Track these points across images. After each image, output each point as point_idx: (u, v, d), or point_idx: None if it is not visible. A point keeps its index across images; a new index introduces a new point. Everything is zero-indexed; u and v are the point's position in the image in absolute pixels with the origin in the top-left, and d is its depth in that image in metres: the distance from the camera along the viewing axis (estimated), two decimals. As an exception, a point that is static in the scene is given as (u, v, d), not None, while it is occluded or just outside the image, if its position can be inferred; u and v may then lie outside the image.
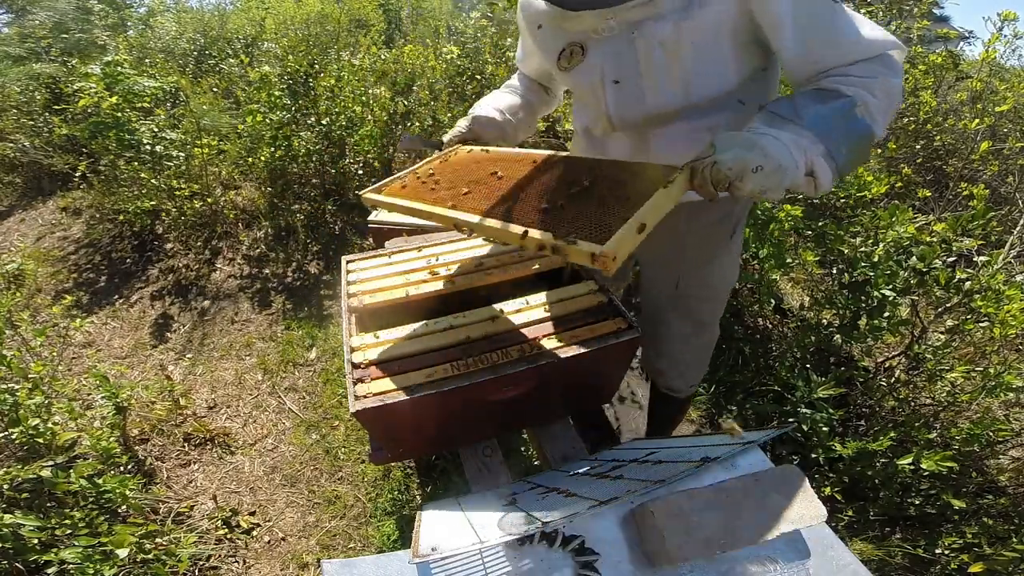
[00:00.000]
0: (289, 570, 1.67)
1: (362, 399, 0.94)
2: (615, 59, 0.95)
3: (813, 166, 0.76)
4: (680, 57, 0.89)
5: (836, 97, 0.79)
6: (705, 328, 1.38)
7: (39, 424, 1.61)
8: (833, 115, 0.78)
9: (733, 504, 0.71)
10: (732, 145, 0.73)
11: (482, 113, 1.22)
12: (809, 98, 0.80)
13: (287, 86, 3.01)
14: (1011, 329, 1.49)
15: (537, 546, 0.70)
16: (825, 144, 0.76)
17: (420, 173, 1.09)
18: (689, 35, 0.86)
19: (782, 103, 0.81)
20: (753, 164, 0.72)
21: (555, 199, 0.81)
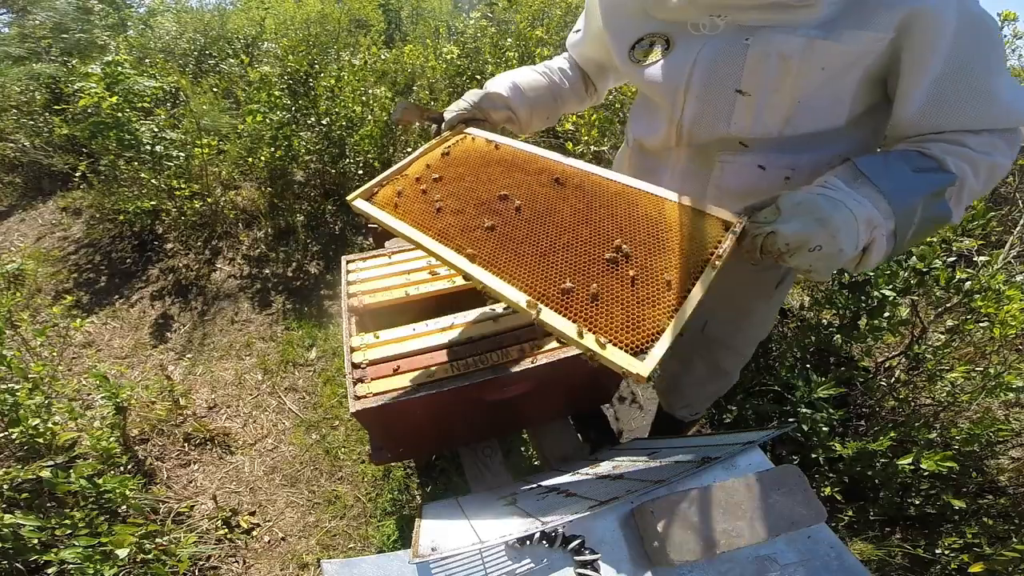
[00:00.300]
0: (289, 570, 1.67)
1: (362, 399, 0.94)
2: (712, 64, 0.78)
3: (871, 244, 0.67)
4: (799, 81, 0.74)
5: (936, 170, 0.69)
6: (723, 376, 1.32)
7: (39, 424, 1.61)
8: (922, 191, 0.68)
9: (733, 504, 0.71)
10: (800, 214, 0.64)
11: (496, 90, 1.04)
12: (905, 162, 0.69)
13: (287, 86, 3.01)
14: (1011, 329, 1.49)
15: (537, 546, 0.70)
16: (896, 222, 0.67)
17: (417, 171, 0.93)
18: (823, 58, 0.71)
19: (874, 161, 0.69)
20: (814, 243, 0.63)
21: (585, 271, 0.68)
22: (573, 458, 1.25)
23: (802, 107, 0.78)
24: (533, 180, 0.85)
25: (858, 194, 0.66)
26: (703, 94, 0.82)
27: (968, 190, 0.72)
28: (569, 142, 2.84)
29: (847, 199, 0.65)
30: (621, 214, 0.75)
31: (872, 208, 0.66)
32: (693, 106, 0.84)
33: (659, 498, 0.72)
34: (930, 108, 0.71)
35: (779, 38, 0.72)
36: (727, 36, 0.77)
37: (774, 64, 0.74)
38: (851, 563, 0.67)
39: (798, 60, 0.72)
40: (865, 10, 0.69)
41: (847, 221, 0.64)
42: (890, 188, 0.66)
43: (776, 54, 0.73)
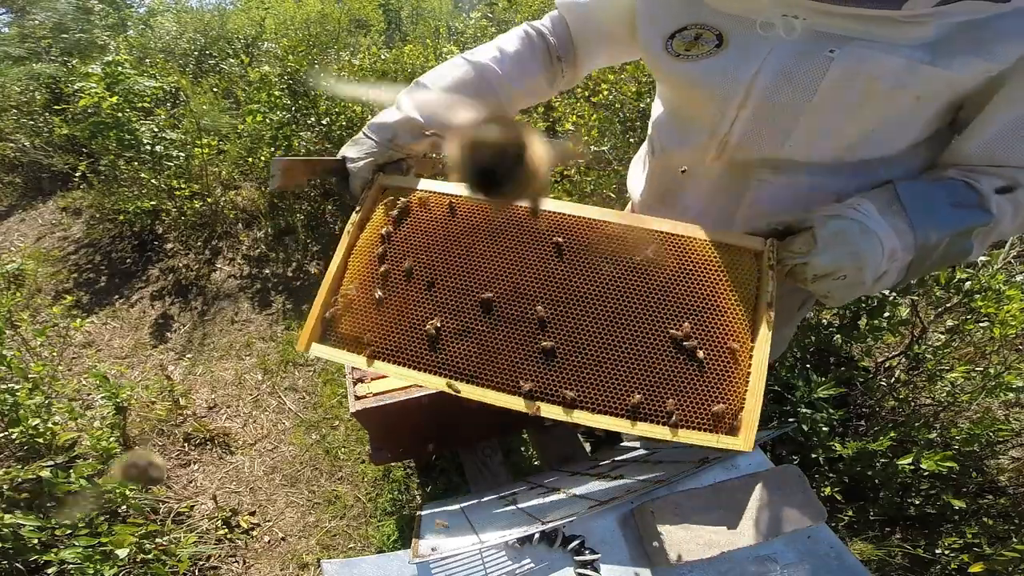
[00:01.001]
0: (289, 570, 1.67)
1: (362, 399, 0.94)
2: (782, 75, 0.65)
3: (884, 274, 0.65)
4: (884, 107, 0.63)
5: (973, 207, 0.64)
6: None
7: (39, 424, 1.61)
8: (953, 229, 0.64)
9: (733, 504, 0.71)
10: (836, 245, 0.63)
11: (408, 114, 0.78)
12: (947, 195, 0.65)
13: (287, 86, 3.01)
14: (1011, 329, 1.49)
15: (537, 546, 0.70)
16: (916, 255, 0.64)
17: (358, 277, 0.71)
18: (922, 85, 0.61)
19: (916, 190, 0.66)
20: (842, 273, 0.64)
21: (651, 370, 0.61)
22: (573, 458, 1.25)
23: (871, 139, 0.68)
24: (531, 255, 0.68)
25: (888, 225, 0.63)
26: (764, 109, 0.68)
27: (999, 231, 0.67)
28: (569, 143, 2.84)
29: (880, 230, 0.63)
30: (653, 277, 0.65)
31: (899, 238, 0.63)
32: (748, 121, 0.70)
33: (659, 498, 0.72)
34: (999, 144, 0.65)
35: (873, 56, 0.59)
36: (804, 43, 0.63)
37: (859, 86, 0.61)
38: (851, 563, 0.67)
39: (890, 84, 0.60)
40: (985, 36, 0.57)
41: (875, 254, 0.63)
42: (923, 224, 0.63)
43: (864, 75, 0.60)
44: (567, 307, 0.65)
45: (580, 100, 2.74)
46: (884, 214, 0.64)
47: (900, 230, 0.63)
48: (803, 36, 0.63)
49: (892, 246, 0.63)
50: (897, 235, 0.63)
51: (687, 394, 0.60)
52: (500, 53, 0.84)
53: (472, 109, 0.75)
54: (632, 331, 0.63)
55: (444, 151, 0.68)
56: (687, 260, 0.66)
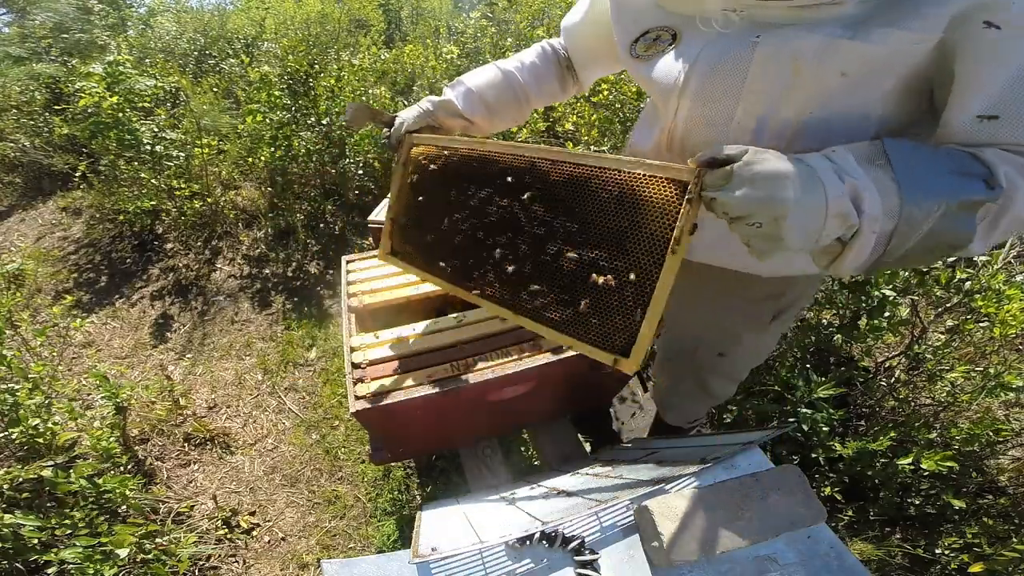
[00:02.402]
0: (289, 570, 1.67)
1: (362, 399, 0.94)
2: (713, 64, 0.69)
3: (854, 240, 0.56)
4: (813, 87, 0.64)
5: (976, 176, 0.56)
6: (713, 394, 1.30)
7: (39, 424, 1.61)
8: (948, 196, 0.55)
9: (733, 504, 0.71)
10: (750, 186, 0.54)
11: (449, 97, 1.01)
12: (948, 161, 0.57)
13: (287, 86, 3.01)
14: (1011, 329, 1.49)
15: (537, 546, 0.70)
16: (898, 224, 0.55)
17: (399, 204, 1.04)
18: (844, 61, 0.61)
19: (908, 148, 0.57)
20: (753, 221, 0.55)
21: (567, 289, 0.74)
22: (573, 458, 1.25)
23: (816, 120, 0.67)
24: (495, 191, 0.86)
25: (867, 177, 0.54)
26: (700, 96, 0.72)
27: (1012, 216, 0.57)
28: (569, 142, 2.84)
29: (831, 183, 0.54)
30: (580, 210, 0.74)
31: (869, 198, 0.54)
32: (687, 109, 0.74)
33: (659, 498, 0.72)
34: (989, 122, 0.59)
35: (796, 36, 0.62)
36: (737, 33, 0.67)
37: (785, 66, 0.63)
38: (851, 563, 0.67)
39: (813, 62, 0.62)
40: (903, 7, 0.59)
41: (808, 209, 0.53)
42: (912, 184, 0.54)
43: (788, 54, 0.63)
44: (520, 234, 0.81)
45: (580, 100, 2.73)
46: (863, 165, 0.55)
47: (883, 186, 0.54)
48: (738, 27, 0.67)
49: (844, 208, 0.54)
50: (878, 190, 0.54)
51: (594, 315, 0.71)
52: (521, 63, 1.03)
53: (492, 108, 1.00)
54: (558, 257, 0.76)
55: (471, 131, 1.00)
56: (613, 193, 0.71)
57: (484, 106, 1.00)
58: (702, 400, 1.34)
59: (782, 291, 0.97)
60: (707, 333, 1.11)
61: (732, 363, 1.17)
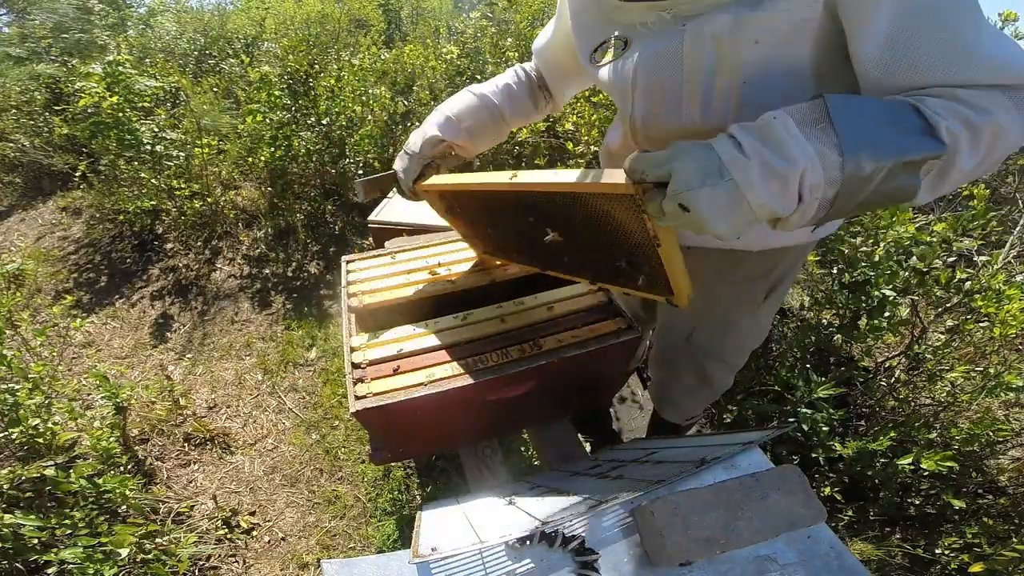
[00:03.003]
0: (289, 570, 1.67)
1: (362, 399, 0.94)
2: (655, 57, 0.77)
3: (799, 203, 0.54)
4: (735, 59, 0.71)
5: (919, 134, 0.55)
6: (713, 385, 1.31)
7: (39, 424, 1.61)
8: (895, 156, 0.53)
9: (733, 504, 0.71)
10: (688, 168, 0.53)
11: (432, 133, 1.03)
12: (888, 113, 0.56)
13: (287, 86, 3.01)
14: (1011, 329, 1.49)
15: (537, 546, 0.70)
16: (843, 187, 0.53)
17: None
18: (753, 31, 0.67)
19: (852, 104, 0.55)
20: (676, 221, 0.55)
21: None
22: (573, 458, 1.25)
23: (752, 87, 0.72)
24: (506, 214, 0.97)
25: (808, 149, 0.52)
26: (648, 87, 0.81)
27: (957, 170, 0.57)
28: (569, 142, 2.84)
29: (751, 175, 0.52)
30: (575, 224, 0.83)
31: (817, 170, 0.52)
32: (642, 101, 0.83)
33: (659, 498, 0.72)
34: (891, 62, 0.60)
35: (712, 18, 0.69)
36: (669, 29, 0.75)
37: (709, 47, 0.71)
38: (851, 563, 0.67)
39: (728, 38, 0.69)
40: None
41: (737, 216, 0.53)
42: (852, 146, 0.52)
43: (709, 36, 0.70)
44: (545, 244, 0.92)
45: (580, 100, 2.74)
46: (804, 130, 0.53)
47: (825, 158, 0.52)
48: (671, 22, 0.75)
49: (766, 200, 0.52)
50: (820, 162, 0.52)
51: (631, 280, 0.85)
52: (496, 87, 1.10)
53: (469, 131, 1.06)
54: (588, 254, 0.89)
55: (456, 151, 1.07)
56: (588, 209, 0.77)
57: (464, 131, 1.06)
58: (701, 392, 1.34)
59: (775, 263, 1.01)
60: (704, 320, 1.13)
61: (731, 346, 1.20)
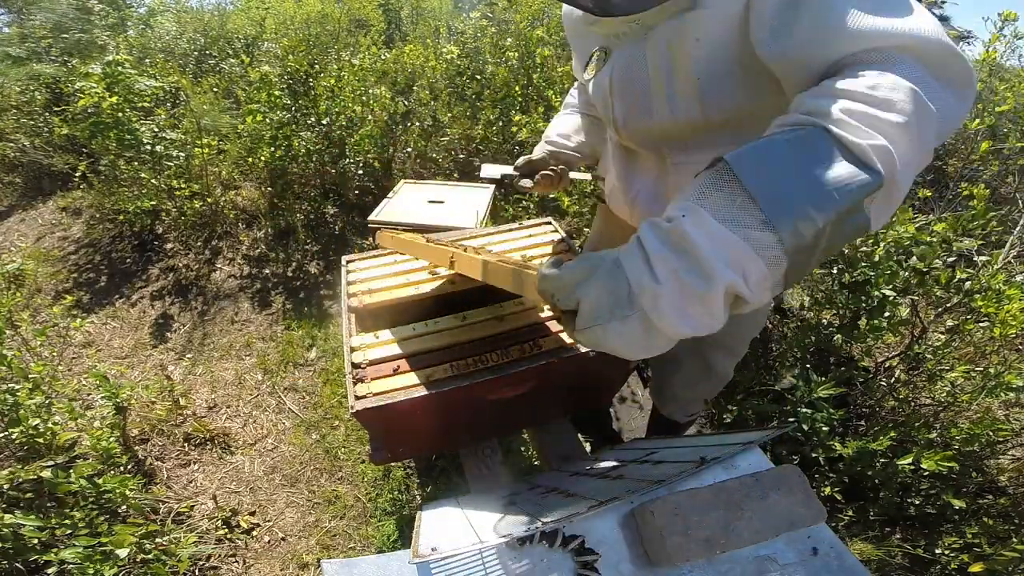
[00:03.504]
0: (289, 570, 1.67)
1: (362, 399, 0.94)
2: (627, 64, 0.85)
3: (746, 303, 0.46)
4: (687, 59, 0.75)
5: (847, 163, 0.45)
6: (714, 374, 1.32)
7: (39, 424, 1.61)
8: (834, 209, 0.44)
9: (733, 504, 0.71)
10: (592, 298, 0.48)
11: (555, 140, 1.22)
12: (797, 149, 0.47)
13: (287, 86, 3.01)
14: (1011, 329, 1.49)
15: (537, 546, 0.70)
16: (791, 264, 0.45)
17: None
18: (694, 29, 0.72)
19: (762, 166, 0.46)
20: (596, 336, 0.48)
21: None
22: (573, 458, 1.25)
23: (707, 83, 0.76)
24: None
25: (732, 247, 0.44)
26: (622, 92, 0.90)
27: (900, 185, 0.48)
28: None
29: (661, 305, 0.45)
30: None
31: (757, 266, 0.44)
32: (619, 106, 0.92)
33: (659, 498, 0.71)
34: (781, 41, 0.60)
35: (667, 25, 0.76)
36: (637, 39, 0.82)
37: (663, 49, 0.78)
38: (851, 563, 0.67)
39: (676, 39, 0.75)
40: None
41: (638, 335, 0.47)
42: (782, 213, 0.44)
43: (662, 39, 0.77)
44: None
45: (580, 100, 2.73)
46: (727, 218, 0.44)
47: (757, 242, 0.44)
48: (640, 32, 0.81)
49: (682, 331, 0.46)
50: (754, 253, 0.44)
51: None
52: (580, 102, 1.27)
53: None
54: None
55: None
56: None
57: (579, 136, 1.22)
58: (702, 383, 1.35)
59: None
60: None
61: (733, 334, 1.22)
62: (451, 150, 3.41)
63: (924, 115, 0.49)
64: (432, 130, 3.41)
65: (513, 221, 1.55)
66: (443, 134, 3.39)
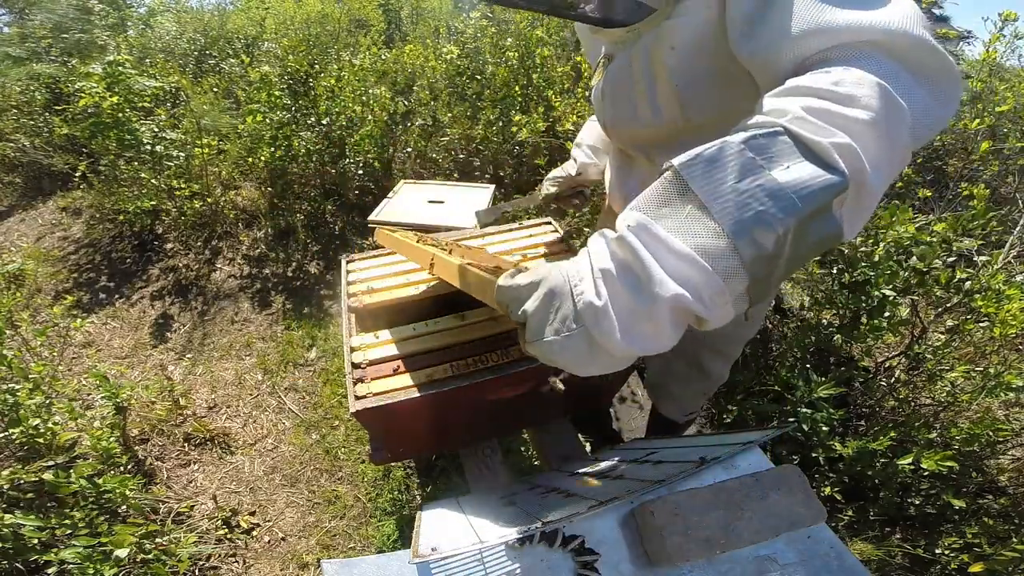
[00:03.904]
0: (289, 570, 1.67)
1: (362, 399, 0.94)
2: (616, 70, 0.90)
3: (704, 320, 0.43)
4: (663, 65, 0.78)
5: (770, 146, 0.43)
6: (709, 376, 1.32)
7: (39, 424, 1.61)
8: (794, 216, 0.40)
9: (733, 504, 0.71)
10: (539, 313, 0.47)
11: (583, 160, 1.28)
12: (741, 151, 0.43)
13: (287, 86, 3.01)
14: (1011, 329, 1.49)
15: (537, 546, 0.70)
16: (752, 277, 0.41)
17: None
18: (669, 37, 0.75)
19: (701, 161, 0.44)
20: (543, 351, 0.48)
21: None
22: (573, 458, 1.25)
23: (687, 91, 0.78)
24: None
25: (681, 259, 0.41)
26: (612, 96, 0.93)
27: (870, 188, 0.44)
28: (569, 142, 2.84)
29: (603, 325, 0.43)
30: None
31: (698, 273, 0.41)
32: (609, 108, 0.96)
33: (659, 498, 0.71)
34: (751, 42, 0.58)
35: (649, 35, 0.78)
36: (627, 46, 0.85)
37: (644, 57, 0.81)
38: (851, 563, 0.67)
39: (654, 48, 0.78)
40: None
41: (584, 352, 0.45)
42: (737, 221, 0.41)
43: (643, 48, 0.80)
44: None
45: (580, 100, 2.74)
46: (679, 229, 0.42)
47: (708, 253, 0.41)
48: (631, 40, 0.84)
49: (628, 351, 0.43)
50: (707, 264, 0.41)
51: None
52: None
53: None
54: None
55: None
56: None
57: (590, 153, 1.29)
58: (697, 382, 1.35)
59: None
60: None
61: (725, 336, 1.20)
62: (451, 150, 3.41)
63: (893, 111, 0.45)
64: (432, 130, 3.41)
65: (513, 221, 1.55)
66: (443, 134, 3.39)
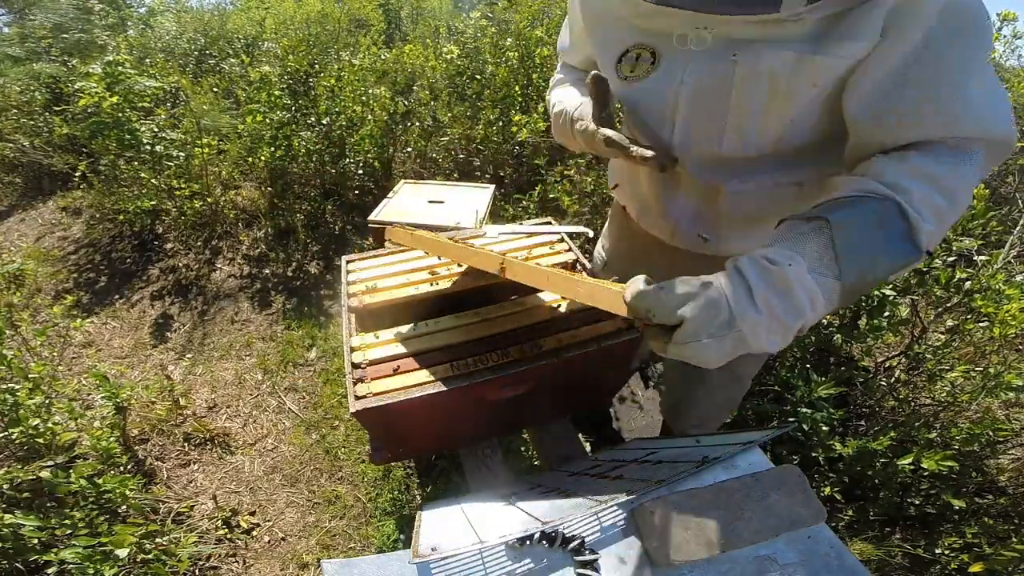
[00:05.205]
0: (289, 570, 1.67)
1: (362, 399, 0.94)
2: (699, 84, 0.74)
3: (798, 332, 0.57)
4: (790, 99, 0.69)
5: (902, 240, 0.58)
6: (737, 381, 1.29)
7: (39, 424, 1.61)
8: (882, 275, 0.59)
9: (733, 504, 0.71)
10: (698, 320, 0.55)
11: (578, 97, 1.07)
12: (878, 222, 0.58)
13: (287, 86, 3.01)
14: (1011, 329, 1.49)
15: (537, 546, 0.70)
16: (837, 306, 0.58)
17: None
18: (813, 75, 0.66)
19: (852, 233, 0.57)
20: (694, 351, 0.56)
21: None
22: (573, 458, 1.25)
23: (796, 127, 0.73)
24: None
25: (816, 295, 0.55)
26: (691, 115, 0.78)
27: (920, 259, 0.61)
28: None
29: (758, 330, 0.55)
30: None
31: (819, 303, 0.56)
32: (682, 127, 0.80)
33: (659, 498, 0.72)
34: (878, 104, 0.63)
35: (769, 54, 0.67)
36: (715, 51, 0.71)
37: (763, 84, 0.69)
38: (851, 563, 0.67)
39: (787, 78, 0.67)
40: (851, 17, 0.62)
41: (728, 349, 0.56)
42: (852, 273, 0.56)
43: (765, 73, 0.68)
44: None
45: (580, 100, 2.73)
46: (815, 271, 0.56)
47: (827, 288, 0.56)
48: (713, 45, 0.71)
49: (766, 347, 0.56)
50: (824, 297, 0.56)
51: None
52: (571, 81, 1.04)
53: None
54: None
55: None
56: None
57: None
58: (725, 387, 1.30)
59: None
60: None
61: (740, 367, 1.20)
62: (451, 150, 3.41)
63: (967, 205, 0.62)
64: (432, 130, 3.41)
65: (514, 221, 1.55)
66: (443, 134, 3.39)
